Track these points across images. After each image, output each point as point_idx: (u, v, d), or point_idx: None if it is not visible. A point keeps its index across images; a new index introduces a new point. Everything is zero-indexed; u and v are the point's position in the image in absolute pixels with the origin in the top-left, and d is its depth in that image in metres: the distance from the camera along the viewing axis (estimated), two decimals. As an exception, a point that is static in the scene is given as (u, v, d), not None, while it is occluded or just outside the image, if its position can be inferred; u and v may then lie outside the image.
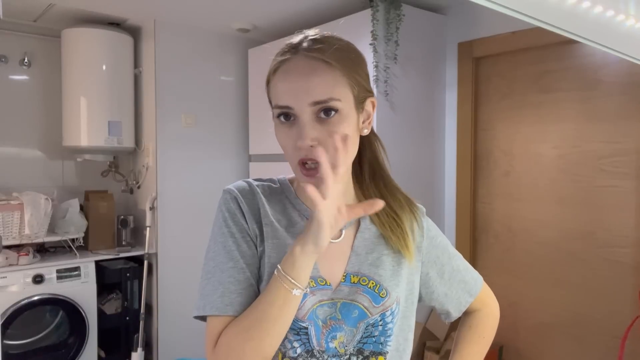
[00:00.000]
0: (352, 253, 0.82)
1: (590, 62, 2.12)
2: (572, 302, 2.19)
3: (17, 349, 2.53)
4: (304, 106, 0.73)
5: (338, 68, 0.74)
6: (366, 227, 0.85)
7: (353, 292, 0.79)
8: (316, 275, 0.79)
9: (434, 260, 0.90)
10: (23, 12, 2.67)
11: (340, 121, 0.74)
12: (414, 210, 0.89)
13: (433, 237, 0.91)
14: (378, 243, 0.84)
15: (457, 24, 2.57)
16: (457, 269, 0.93)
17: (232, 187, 0.84)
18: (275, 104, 0.76)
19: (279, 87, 0.76)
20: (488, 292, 0.98)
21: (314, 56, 0.74)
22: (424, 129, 2.56)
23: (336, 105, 0.73)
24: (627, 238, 2.02)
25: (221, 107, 3.07)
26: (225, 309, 0.75)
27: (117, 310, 2.80)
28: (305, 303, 0.77)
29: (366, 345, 0.79)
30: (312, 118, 0.73)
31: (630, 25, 0.72)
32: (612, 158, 2.06)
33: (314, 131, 0.73)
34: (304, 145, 0.72)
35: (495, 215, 2.48)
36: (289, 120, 0.75)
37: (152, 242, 2.80)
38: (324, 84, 0.73)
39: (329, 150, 0.71)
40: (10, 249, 2.48)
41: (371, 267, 0.81)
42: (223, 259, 0.79)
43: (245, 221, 0.81)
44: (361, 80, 0.78)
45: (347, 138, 0.72)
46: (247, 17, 2.73)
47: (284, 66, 0.76)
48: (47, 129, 2.94)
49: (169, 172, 2.85)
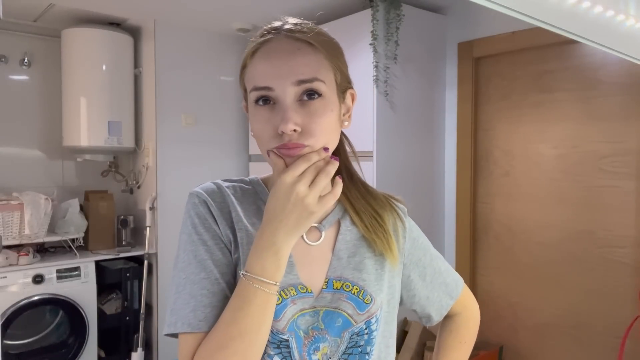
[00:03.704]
0: (333, 257, 0.77)
1: (590, 62, 2.12)
2: (572, 302, 2.19)
3: (17, 349, 2.53)
4: (287, 86, 0.67)
5: (322, 51, 0.70)
6: (347, 229, 0.80)
7: (336, 299, 0.74)
8: (296, 282, 0.73)
9: (416, 262, 0.86)
10: (23, 12, 2.67)
11: (324, 107, 0.69)
12: (396, 210, 0.85)
13: (415, 238, 0.87)
14: (360, 245, 0.79)
15: (457, 24, 2.57)
16: (439, 270, 0.90)
17: (199, 190, 0.77)
18: (253, 86, 0.70)
19: (258, 68, 0.70)
20: (468, 294, 0.95)
21: (297, 37, 0.70)
22: (424, 129, 2.56)
23: (320, 87, 0.68)
24: (627, 238, 2.02)
25: (221, 107, 3.07)
26: (198, 325, 0.68)
27: (117, 310, 2.80)
28: (285, 313, 0.71)
29: (351, 356, 0.74)
30: (295, 101, 0.68)
31: (630, 25, 0.72)
32: (612, 158, 2.06)
33: (297, 115, 0.67)
34: (287, 130, 0.65)
35: (495, 215, 2.48)
36: (267, 104, 0.69)
37: (152, 242, 2.80)
38: (308, 63, 0.68)
39: (312, 137, 0.67)
40: (10, 249, 2.48)
41: (354, 272, 0.76)
42: (194, 270, 0.71)
43: (217, 226, 0.74)
44: (343, 68, 0.74)
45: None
46: (247, 17, 2.73)
47: (264, 47, 0.70)
48: (47, 129, 2.94)
49: (169, 172, 2.85)
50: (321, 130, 0.68)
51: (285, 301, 0.72)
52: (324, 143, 0.69)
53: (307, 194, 0.65)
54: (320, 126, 0.68)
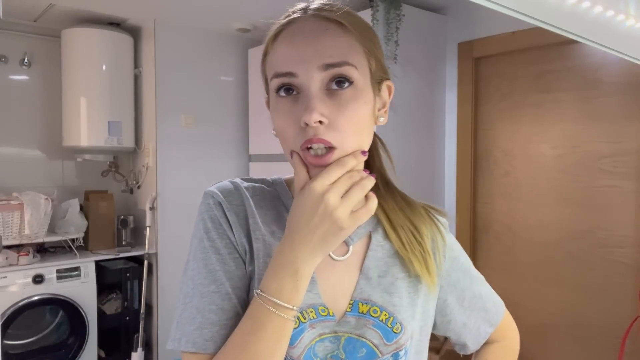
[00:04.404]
0: (361, 275, 0.67)
1: (590, 62, 2.12)
2: (572, 302, 2.19)
3: (17, 349, 2.53)
4: (312, 71, 0.57)
5: (354, 32, 0.60)
6: (379, 244, 0.69)
7: (361, 325, 0.64)
8: (317, 302, 0.64)
9: (454, 284, 0.75)
10: (23, 12, 2.67)
11: (356, 97, 0.59)
12: (437, 224, 0.74)
13: (455, 257, 0.76)
14: (392, 264, 0.68)
15: (457, 24, 2.57)
16: (479, 294, 0.78)
17: (215, 190, 0.68)
18: (274, 72, 0.60)
19: (280, 52, 0.60)
20: (509, 321, 0.85)
21: (325, 16, 0.60)
22: (424, 129, 2.56)
23: (351, 73, 0.58)
24: (627, 238, 2.02)
25: (221, 107, 3.07)
26: (204, 345, 0.60)
27: (117, 310, 2.80)
28: (302, 339, 0.62)
29: None
30: (321, 89, 0.58)
31: (630, 25, 0.72)
32: (612, 158, 2.06)
33: (324, 105, 0.57)
34: (311, 121, 0.56)
35: (495, 215, 2.48)
36: (290, 94, 0.59)
37: (152, 242, 2.80)
38: (337, 45, 0.59)
39: (338, 132, 0.57)
40: (10, 249, 2.48)
41: (384, 294, 0.66)
42: (203, 281, 0.63)
43: (232, 233, 0.65)
44: (379, 54, 0.64)
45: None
46: (247, 17, 2.73)
47: (288, 29, 0.61)
48: (47, 129, 2.94)
49: (169, 172, 2.85)
50: (351, 125, 0.59)
51: (303, 325, 0.62)
52: (355, 141, 0.59)
53: (337, 206, 0.55)
54: (351, 120, 0.58)
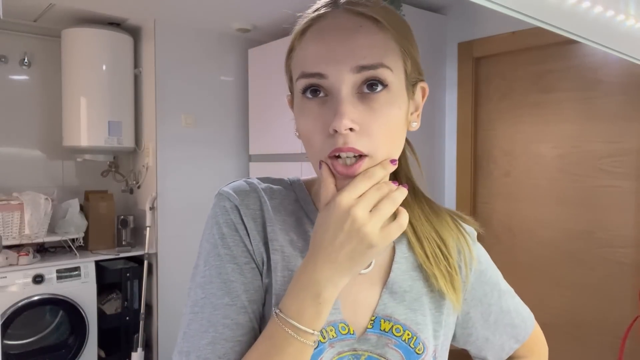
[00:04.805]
0: (384, 290, 0.62)
1: (590, 62, 2.12)
2: (572, 302, 2.19)
3: (17, 349, 2.52)
4: (344, 73, 0.52)
5: (390, 30, 0.55)
6: (403, 256, 0.65)
7: (382, 344, 0.60)
8: (337, 319, 0.59)
9: (480, 298, 0.70)
10: (23, 12, 2.67)
11: (390, 102, 0.54)
12: (464, 234, 0.69)
13: (483, 270, 0.71)
14: (417, 278, 0.64)
15: (457, 24, 2.57)
16: (507, 310, 0.73)
17: (230, 191, 0.62)
18: (301, 72, 0.55)
19: (309, 50, 0.55)
20: (539, 336, 0.79)
21: (360, 11, 0.55)
22: (424, 129, 2.56)
23: (386, 76, 0.54)
24: (627, 238, 2.02)
25: (221, 107, 3.07)
26: None
27: (117, 310, 2.80)
28: (321, 359, 0.58)
29: None
30: (353, 93, 0.53)
31: (630, 25, 0.72)
32: (612, 158, 2.06)
33: (355, 110, 0.52)
34: (341, 128, 0.51)
35: (496, 215, 2.48)
36: (317, 96, 0.54)
37: (152, 242, 2.80)
38: (372, 45, 0.53)
39: (370, 139, 0.53)
40: (10, 249, 2.48)
41: (408, 312, 0.62)
42: (217, 291, 0.58)
43: (249, 241, 0.60)
44: (415, 54, 0.59)
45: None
46: (247, 17, 2.73)
47: (317, 24, 0.56)
48: (47, 129, 2.94)
49: (169, 172, 2.85)
50: (384, 131, 0.54)
51: (323, 345, 0.58)
52: (387, 149, 0.55)
53: (366, 221, 0.50)
54: (384, 127, 0.54)
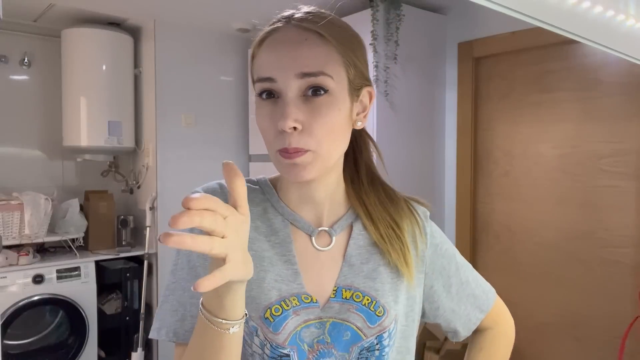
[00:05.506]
0: (344, 263, 0.71)
1: (590, 62, 2.12)
2: (572, 302, 2.19)
3: (17, 349, 2.53)
4: (290, 78, 0.62)
5: (333, 43, 0.64)
6: (359, 233, 0.74)
7: (344, 309, 0.68)
8: (300, 291, 0.68)
9: (439, 271, 0.78)
10: (23, 12, 2.67)
11: (330, 104, 0.63)
12: (414, 214, 0.78)
13: (438, 244, 0.79)
14: (374, 252, 0.73)
15: (457, 24, 2.57)
16: (466, 281, 0.81)
17: (200, 190, 0.74)
18: (257, 76, 0.65)
19: (263, 58, 0.65)
20: (501, 308, 0.87)
21: (306, 27, 0.64)
22: (424, 129, 2.56)
23: (327, 83, 0.63)
24: (627, 238, 2.02)
25: (221, 107, 3.07)
26: (184, 335, 0.66)
27: (117, 310, 2.80)
28: (286, 325, 0.66)
29: None
30: (298, 96, 0.63)
31: (630, 25, 0.72)
32: (612, 158, 2.06)
33: (299, 112, 0.62)
34: (286, 127, 0.61)
35: (495, 215, 2.48)
36: (271, 98, 0.64)
37: (152, 242, 2.80)
38: (315, 55, 0.63)
39: (312, 137, 0.62)
40: (10, 249, 2.48)
41: (366, 280, 0.70)
42: (186, 275, 0.68)
43: None
44: (358, 63, 0.68)
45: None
46: (247, 17, 2.73)
47: (272, 36, 0.66)
48: (47, 129, 2.94)
49: (169, 172, 2.85)
50: (325, 130, 0.63)
51: (286, 312, 0.66)
52: (330, 145, 0.64)
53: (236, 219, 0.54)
54: (325, 126, 0.63)
